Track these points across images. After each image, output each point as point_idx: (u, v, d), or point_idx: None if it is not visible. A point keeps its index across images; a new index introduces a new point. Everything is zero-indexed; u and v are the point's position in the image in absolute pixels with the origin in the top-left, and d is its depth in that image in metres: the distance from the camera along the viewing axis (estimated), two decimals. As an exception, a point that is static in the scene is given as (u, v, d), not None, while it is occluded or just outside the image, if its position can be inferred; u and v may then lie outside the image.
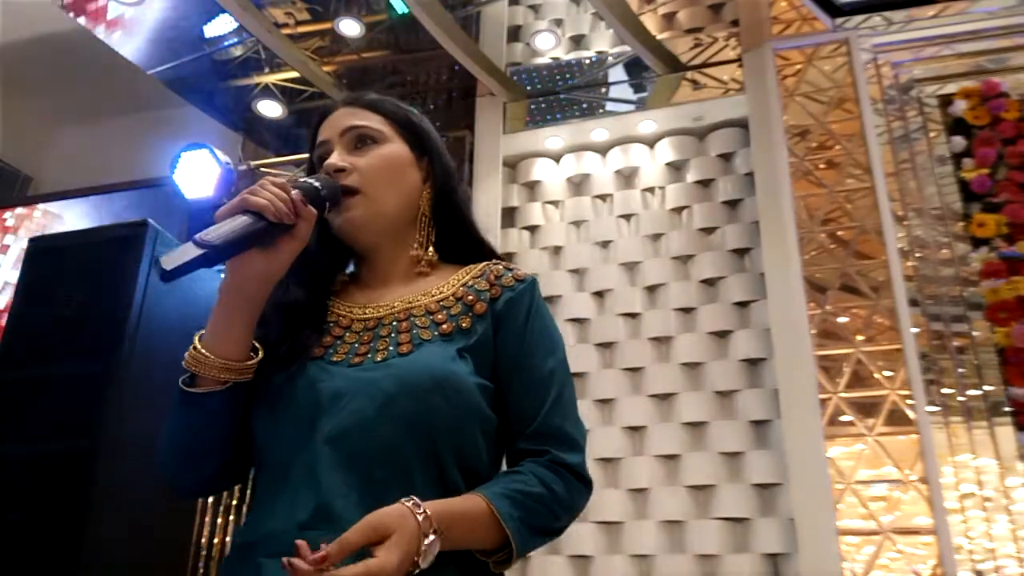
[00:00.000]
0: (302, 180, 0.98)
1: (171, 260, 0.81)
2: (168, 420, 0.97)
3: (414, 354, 0.95)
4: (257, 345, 0.97)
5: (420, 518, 0.80)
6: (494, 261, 1.11)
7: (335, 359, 0.98)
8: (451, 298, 1.03)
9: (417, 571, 0.79)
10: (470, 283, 1.05)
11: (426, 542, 0.79)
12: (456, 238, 1.12)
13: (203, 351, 0.92)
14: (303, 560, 0.73)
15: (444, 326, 0.99)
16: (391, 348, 0.97)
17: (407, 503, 0.81)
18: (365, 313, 1.03)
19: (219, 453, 0.97)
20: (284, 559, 0.74)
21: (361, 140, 1.08)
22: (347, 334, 1.01)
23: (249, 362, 0.95)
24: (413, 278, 1.07)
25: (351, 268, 1.17)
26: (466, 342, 0.98)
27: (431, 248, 1.09)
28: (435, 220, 1.10)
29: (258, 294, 0.94)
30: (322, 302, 1.07)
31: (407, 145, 1.10)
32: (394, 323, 1.00)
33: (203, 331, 0.94)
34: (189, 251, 0.82)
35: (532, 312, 1.04)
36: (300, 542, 0.75)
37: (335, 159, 1.05)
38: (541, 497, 0.92)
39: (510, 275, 1.06)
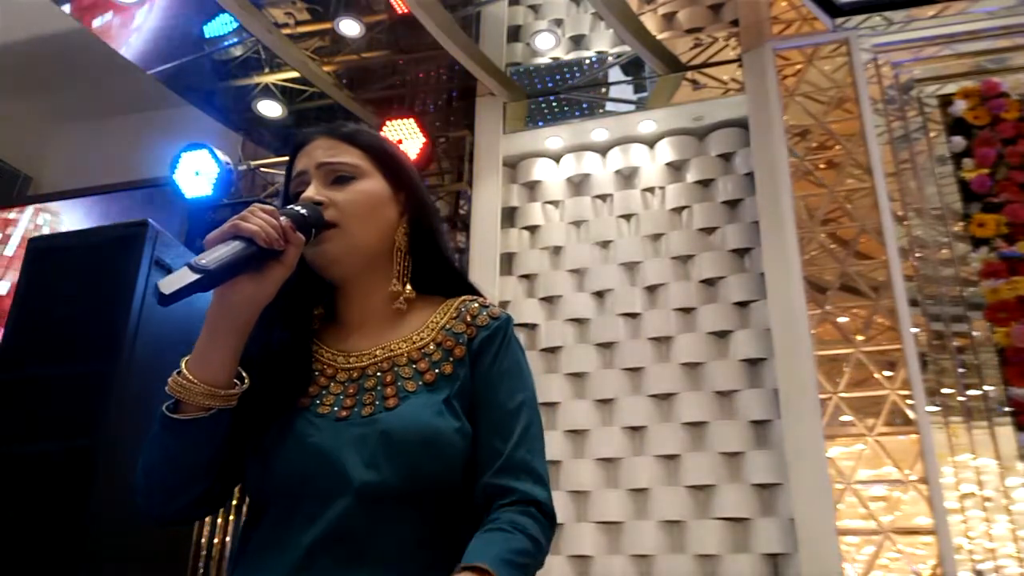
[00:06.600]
0: (288, 208, 1.00)
1: (169, 285, 0.83)
2: (148, 447, 0.97)
3: (400, 408, 0.98)
4: (243, 373, 0.98)
5: None
6: (470, 298, 1.12)
7: (321, 411, 1.00)
8: (431, 344, 1.05)
9: None
10: (448, 326, 1.07)
11: None
12: (433, 272, 1.14)
13: (189, 376, 0.92)
14: None
15: (427, 375, 1.02)
16: (377, 402, 1.00)
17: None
18: (348, 363, 1.05)
19: (198, 481, 0.98)
20: None
21: (338, 175, 1.08)
22: (332, 384, 1.03)
23: (234, 390, 0.96)
24: (391, 316, 1.09)
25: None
26: (450, 389, 1.01)
27: (408, 284, 1.09)
28: (412, 254, 1.12)
29: (246, 320, 0.95)
30: (306, 344, 1.08)
31: (384, 180, 1.10)
32: (378, 374, 1.03)
33: (188, 357, 0.95)
34: (186, 276, 0.84)
35: (503, 348, 1.07)
36: None
37: (312, 192, 1.05)
38: (529, 552, 0.96)
39: (485, 314, 1.09)
